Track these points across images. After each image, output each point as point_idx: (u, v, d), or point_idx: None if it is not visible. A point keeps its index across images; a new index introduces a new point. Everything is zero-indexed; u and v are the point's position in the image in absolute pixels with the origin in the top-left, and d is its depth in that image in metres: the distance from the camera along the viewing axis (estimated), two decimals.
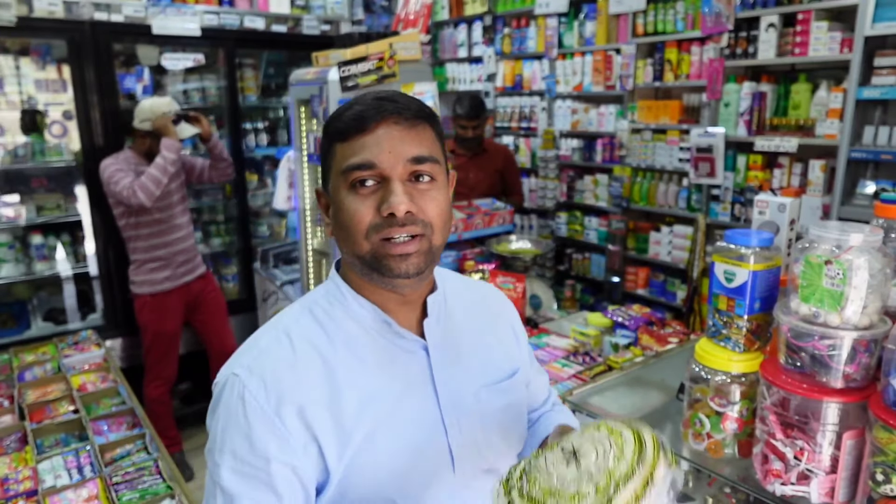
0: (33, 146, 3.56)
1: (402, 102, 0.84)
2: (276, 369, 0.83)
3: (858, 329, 1.03)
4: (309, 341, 0.86)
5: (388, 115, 0.82)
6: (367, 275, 0.86)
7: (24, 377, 2.65)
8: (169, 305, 3.30)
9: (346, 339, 0.88)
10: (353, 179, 0.82)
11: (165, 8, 3.62)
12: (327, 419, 0.82)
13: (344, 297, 0.90)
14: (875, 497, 1.01)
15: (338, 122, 0.85)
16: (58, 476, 1.97)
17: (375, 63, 2.70)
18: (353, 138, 0.83)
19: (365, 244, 0.83)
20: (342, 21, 4.30)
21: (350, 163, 0.82)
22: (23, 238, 3.68)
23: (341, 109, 0.87)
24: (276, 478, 0.79)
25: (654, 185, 4.04)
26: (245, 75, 4.18)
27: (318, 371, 0.84)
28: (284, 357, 0.85)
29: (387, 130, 0.82)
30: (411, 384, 0.89)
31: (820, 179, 3.19)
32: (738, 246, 1.23)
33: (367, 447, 0.83)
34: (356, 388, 0.85)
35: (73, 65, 3.42)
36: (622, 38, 4.08)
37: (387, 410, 0.86)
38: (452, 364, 0.93)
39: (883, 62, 2.85)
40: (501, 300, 1.12)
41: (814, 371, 1.07)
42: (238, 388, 0.82)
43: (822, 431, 1.08)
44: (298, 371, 0.83)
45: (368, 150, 0.81)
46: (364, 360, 0.87)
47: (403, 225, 0.81)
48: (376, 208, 0.82)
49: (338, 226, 0.86)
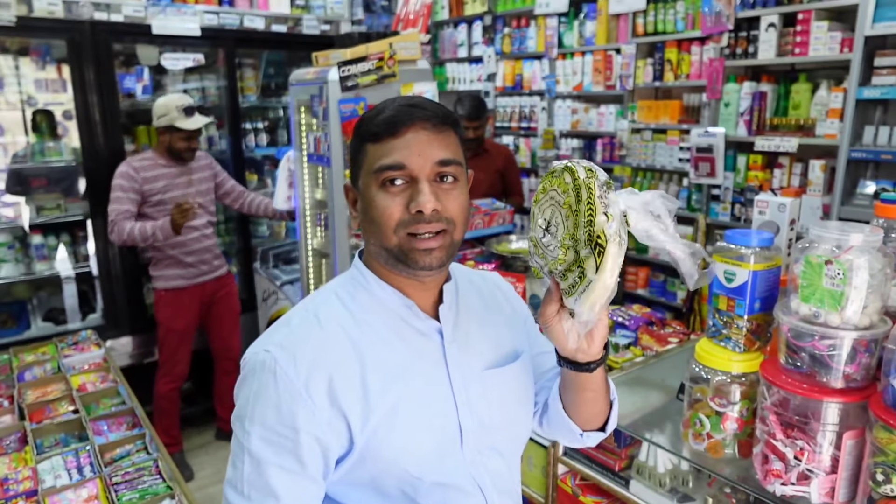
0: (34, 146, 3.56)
1: (430, 109, 0.92)
2: (306, 347, 0.90)
3: (858, 329, 1.03)
4: (337, 322, 0.94)
5: (418, 121, 0.90)
6: (392, 265, 0.94)
7: (24, 377, 2.65)
8: (181, 302, 3.33)
9: (370, 321, 0.95)
10: (384, 179, 0.89)
11: (165, 8, 3.61)
12: (354, 394, 0.89)
13: (368, 283, 0.98)
14: (875, 497, 1.01)
15: (370, 124, 0.92)
16: (57, 476, 1.97)
17: (375, 63, 2.70)
18: (384, 140, 0.90)
19: (393, 238, 0.90)
20: (342, 21, 4.30)
21: (382, 163, 0.89)
22: (23, 238, 3.67)
23: (373, 113, 0.94)
24: (303, 447, 0.86)
25: (655, 185, 4.04)
26: (245, 75, 4.18)
27: (345, 349, 0.92)
28: (314, 335, 0.92)
29: (416, 134, 0.89)
30: (428, 364, 0.97)
31: (820, 179, 3.19)
32: (738, 246, 1.23)
33: (388, 422, 0.90)
34: (380, 366, 0.92)
35: (72, 65, 3.42)
36: (622, 38, 4.08)
37: (407, 388, 0.93)
38: (463, 347, 1.00)
39: (883, 62, 2.85)
40: (508, 289, 1.21)
41: (814, 371, 1.07)
42: (270, 363, 0.88)
43: (822, 431, 1.07)
44: (327, 349, 0.91)
45: (399, 153, 0.89)
46: (387, 340, 0.95)
47: (429, 222, 0.89)
48: (405, 206, 0.89)
49: (367, 220, 0.93)
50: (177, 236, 3.12)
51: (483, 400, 1.00)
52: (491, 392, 1.01)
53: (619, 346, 2.15)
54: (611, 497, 1.66)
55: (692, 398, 1.33)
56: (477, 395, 1.00)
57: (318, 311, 0.96)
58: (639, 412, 1.61)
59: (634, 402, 1.68)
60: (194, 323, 3.43)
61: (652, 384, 1.78)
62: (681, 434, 1.38)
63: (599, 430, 1.09)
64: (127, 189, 3.10)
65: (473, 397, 0.99)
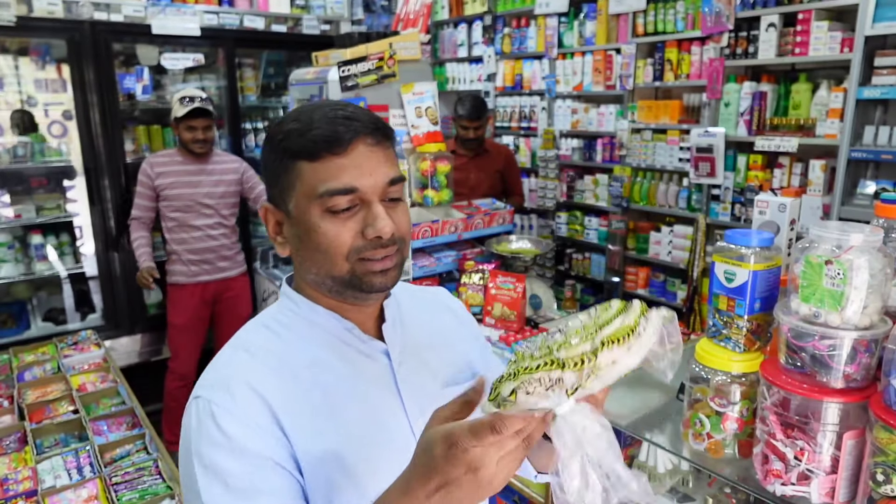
0: (33, 146, 3.56)
1: (369, 120, 0.83)
2: (236, 375, 0.81)
3: (859, 329, 1.03)
4: (268, 349, 0.85)
5: (362, 135, 0.81)
6: (337, 293, 0.86)
7: (24, 377, 2.65)
8: (182, 298, 3.36)
9: (306, 348, 0.87)
10: (333, 205, 0.80)
11: (165, 8, 3.61)
12: (293, 418, 0.80)
13: (300, 309, 0.89)
14: (875, 497, 1.01)
15: (303, 139, 0.81)
16: (57, 476, 1.97)
17: (375, 63, 2.70)
18: (325, 159, 0.80)
19: (345, 265, 0.82)
20: (342, 21, 4.30)
21: (329, 187, 0.80)
22: (23, 238, 3.68)
23: (298, 125, 0.82)
24: (271, 476, 0.77)
25: (655, 185, 4.04)
26: (245, 75, 4.18)
27: (280, 374, 0.83)
28: (244, 365, 0.83)
29: (362, 151, 0.81)
30: (376, 388, 0.88)
31: (820, 179, 3.18)
32: (738, 246, 1.23)
33: (334, 451, 0.81)
34: (320, 390, 0.84)
35: (72, 64, 3.42)
36: (622, 38, 4.08)
37: (354, 414, 0.84)
38: (413, 366, 0.93)
39: (883, 62, 2.85)
40: (457, 305, 1.11)
41: (814, 371, 1.07)
42: (203, 407, 0.79)
43: (822, 431, 1.07)
44: (260, 374, 0.82)
45: (347, 174, 0.80)
46: (327, 364, 0.86)
47: (385, 245, 0.82)
48: (358, 231, 0.81)
49: (308, 248, 0.84)
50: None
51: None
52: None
53: None
54: None
55: (692, 398, 1.33)
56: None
57: (247, 344, 0.86)
58: (639, 412, 1.61)
59: (634, 402, 1.68)
60: (196, 321, 3.43)
61: (652, 384, 1.78)
62: (681, 434, 1.38)
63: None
64: (145, 185, 3.24)
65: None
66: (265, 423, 0.79)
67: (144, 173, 3.23)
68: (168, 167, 3.24)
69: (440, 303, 1.08)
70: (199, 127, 3.18)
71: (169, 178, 3.23)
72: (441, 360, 0.97)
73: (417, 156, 2.71)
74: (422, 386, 0.92)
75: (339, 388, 0.85)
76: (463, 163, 3.69)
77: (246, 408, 0.78)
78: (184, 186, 3.25)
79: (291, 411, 0.81)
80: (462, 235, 2.83)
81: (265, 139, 0.88)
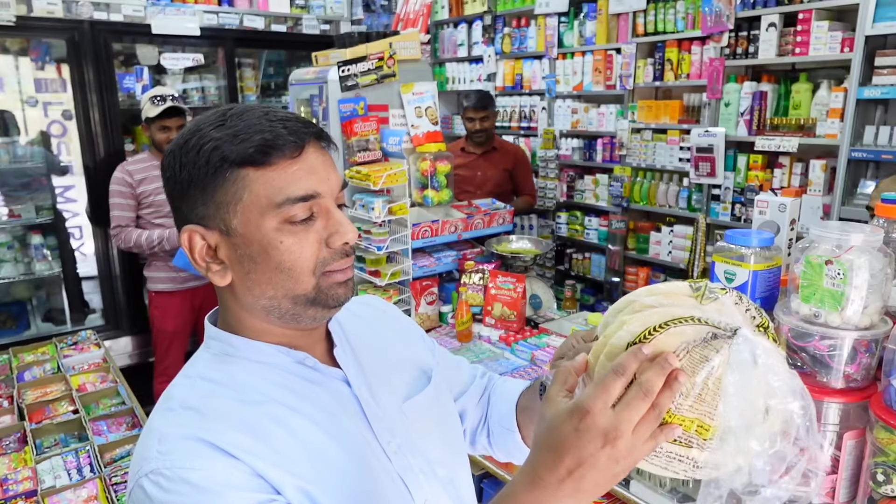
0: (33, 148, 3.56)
1: (306, 122, 0.76)
2: (188, 435, 0.69)
3: (859, 329, 1.02)
4: (210, 400, 0.74)
5: (312, 137, 0.74)
6: (293, 316, 0.76)
7: (24, 377, 2.65)
8: (171, 306, 3.32)
9: (256, 391, 0.75)
10: (294, 214, 0.71)
11: (165, 7, 3.61)
12: (275, 473, 0.70)
13: (237, 350, 0.78)
14: (876, 497, 1.01)
15: (244, 144, 0.71)
16: (57, 476, 1.97)
17: (375, 63, 2.70)
18: (278, 164, 0.71)
19: (311, 280, 0.74)
20: (342, 20, 4.30)
21: (290, 195, 0.71)
22: (23, 238, 3.67)
23: (236, 132, 0.72)
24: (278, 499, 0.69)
25: (655, 185, 4.04)
26: (245, 75, 4.18)
27: (229, 422, 0.72)
28: (192, 423, 0.71)
29: (314, 155, 0.74)
30: (346, 420, 0.80)
31: (820, 179, 3.18)
32: (738, 246, 1.22)
33: (312, 494, 0.72)
34: (292, 438, 0.74)
35: (72, 64, 3.42)
36: (622, 38, 4.07)
37: (333, 455, 0.76)
38: (373, 387, 0.85)
39: (884, 62, 2.84)
40: (390, 308, 1.05)
41: (814, 371, 1.07)
42: (154, 480, 0.67)
43: (822, 432, 1.07)
44: (208, 425, 0.70)
45: (308, 178, 0.72)
46: (289, 408, 0.76)
47: (348, 255, 0.76)
48: (322, 241, 0.74)
49: (265, 268, 0.73)
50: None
51: (412, 437, 0.85)
52: (416, 426, 0.87)
53: None
54: (611, 497, 1.65)
55: None
56: (405, 436, 0.84)
57: (187, 401, 0.73)
58: None
59: None
60: (186, 326, 3.41)
61: None
62: None
63: None
64: (125, 195, 3.11)
65: (403, 442, 0.84)
66: (246, 475, 0.69)
67: (123, 182, 3.10)
68: (147, 173, 3.13)
69: (375, 310, 1.00)
70: (172, 127, 3.09)
71: (152, 184, 3.13)
72: (395, 374, 0.90)
73: (417, 156, 2.71)
74: (384, 406, 0.85)
75: (310, 432, 0.75)
76: (471, 160, 3.69)
77: (201, 463, 0.67)
78: None
79: (270, 467, 0.70)
80: (462, 235, 2.83)
81: (174, 153, 0.76)
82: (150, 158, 3.19)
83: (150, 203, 3.15)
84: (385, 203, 2.49)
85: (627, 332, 0.61)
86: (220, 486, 0.66)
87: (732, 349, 0.58)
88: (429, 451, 0.87)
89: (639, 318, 0.62)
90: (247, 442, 0.70)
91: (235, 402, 0.74)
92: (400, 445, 0.83)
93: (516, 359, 2.28)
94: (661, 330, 0.59)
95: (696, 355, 0.58)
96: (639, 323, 0.61)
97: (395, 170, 2.48)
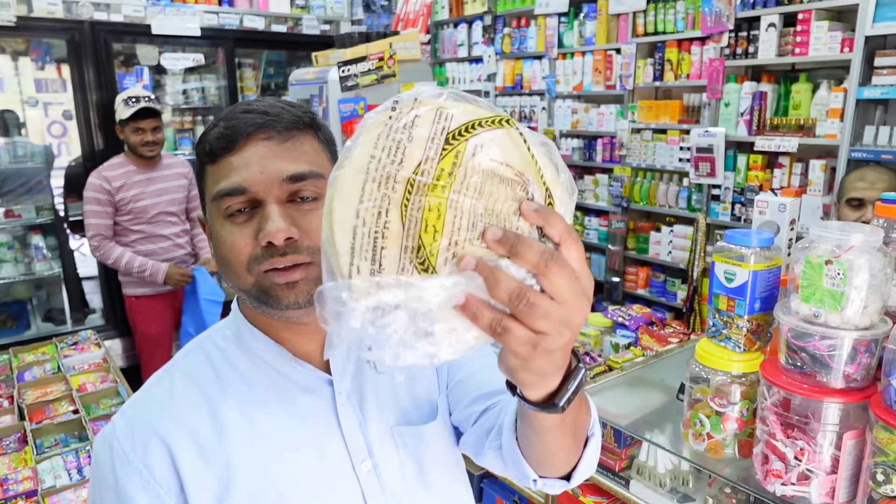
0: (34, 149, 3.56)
1: (272, 113, 0.74)
2: (147, 412, 0.75)
3: (859, 329, 1.02)
4: (192, 380, 0.78)
5: (257, 130, 0.72)
6: (256, 307, 0.76)
7: (24, 377, 2.65)
8: (153, 309, 3.26)
9: (237, 378, 0.78)
10: (225, 207, 0.72)
11: (165, 8, 3.61)
12: (203, 468, 0.72)
13: (239, 332, 0.81)
14: (875, 497, 1.01)
15: (204, 141, 0.75)
16: (57, 476, 1.97)
17: (375, 63, 2.70)
18: (220, 159, 0.73)
19: (248, 277, 0.73)
20: (342, 21, 4.30)
21: (220, 188, 0.72)
22: (23, 238, 3.68)
23: (209, 126, 0.76)
24: None
25: (655, 185, 4.04)
26: (245, 75, 4.18)
27: (197, 412, 0.75)
28: (159, 399, 0.77)
29: (256, 148, 0.72)
30: (317, 431, 0.78)
31: (820, 179, 3.19)
32: (738, 246, 1.23)
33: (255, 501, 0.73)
34: (243, 432, 0.75)
35: (72, 64, 3.42)
36: (622, 38, 4.07)
37: (290, 469, 0.75)
38: (361, 401, 0.81)
39: (883, 62, 2.84)
40: None
41: (814, 371, 1.07)
42: (108, 437, 0.74)
43: (822, 431, 1.07)
44: (173, 412, 0.75)
45: (237, 173, 0.71)
46: (257, 400, 0.77)
47: (284, 254, 0.71)
48: (254, 237, 0.72)
49: (219, 258, 0.76)
50: (165, 285, 3.11)
51: (398, 470, 0.81)
52: (405, 453, 0.82)
53: (619, 346, 2.14)
54: (611, 497, 1.66)
55: (692, 398, 1.33)
56: (388, 464, 0.80)
57: (175, 368, 0.80)
58: (639, 412, 1.61)
59: (634, 402, 1.68)
60: (169, 328, 3.37)
61: (652, 384, 1.78)
62: (681, 434, 1.38)
63: (563, 479, 0.79)
64: (102, 202, 3.01)
65: (383, 468, 0.80)
66: (161, 475, 0.72)
67: (100, 189, 2.99)
68: (125, 178, 3.04)
69: None
70: (147, 128, 3.01)
71: (131, 189, 3.05)
72: (395, 393, 0.85)
73: None
74: (369, 423, 0.81)
75: (270, 438, 0.76)
76: None
77: (144, 452, 0.72)
78: (150, 196, 3.08)
79: (200, 465, 0.72)
80: None
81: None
82: (126, 163, 3.08)
83: (130, 210, 3.06)
84: None
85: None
86: (123, 486, 0.71)
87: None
88: (417, 496, 0.82)
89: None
90: (195, 439, 0.74)
91: (210, 380, 0.78)
92: (377, 469, 0.79)
93: None
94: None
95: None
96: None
97: None
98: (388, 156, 0.50)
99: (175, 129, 4.07)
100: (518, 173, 0.52)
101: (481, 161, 0.50)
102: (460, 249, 0.49)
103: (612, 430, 1.58)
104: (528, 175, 0.52)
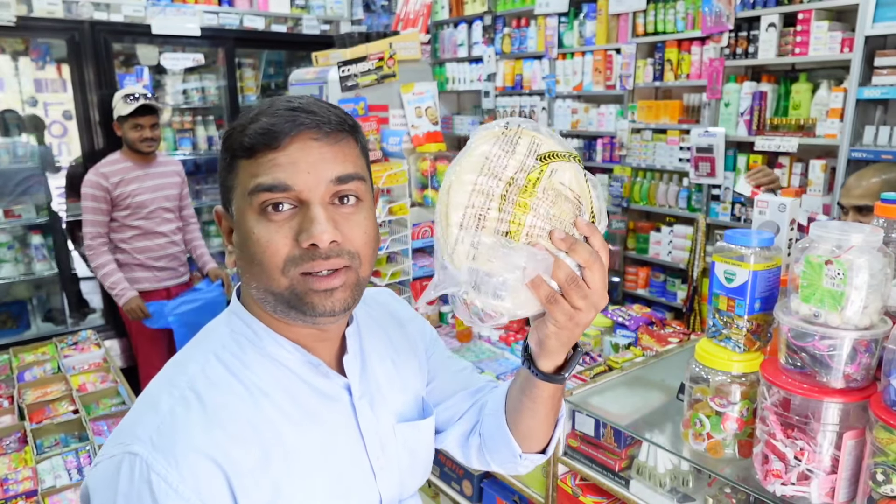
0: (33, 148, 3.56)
1: (320, 113, 0.72)
2: (187, 436, 0.68)
3: (859, 329, 1.02)
4: (223, 396, 0.73)
5: (305, 129, 0.71)
6: (283, 312, 0.74)
7: (24, 377, 2.65)
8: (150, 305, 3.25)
9: (264, 389, 0.75)
10: (264, 202, 0.70)
11: (165, 8, 3.61)
12: (257, 486, 0.70)
13: (258, 338, 0.77)
14: (875, 497, 1.01)
15: (242, 135, 0.72)
16: (57, 476, 1.97)
17: (375, 63, 2.70)
18: (261, 154, 0.70)
19: (283, 280, 0.71)
20: (342, 21, 4.30)
21: (260, 182, 0.70)
22: (23, 238, 3.68)
23: (245, 119, 0.73)
24: None
25: (655, 185, 4.04)
26: (245, 75, 4.18)
27: (239, 432, 0.71)
28: (193, 419, 0.70)
29: (303, 147, 0.70)
30: (337, 431, 0.80)
31: (820, 179, 3.19)
32: (738, 246, 1.22)
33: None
34: (282, 445, 0.74)
35: (72, 64, 3.42)
36: (622, 38, 4.08)
37: (316, 464, 0.76)
38: (372, 401, 0.85)
39: (883, 62, 2.85)
40: (400, 308, 1.01)
41: (814, 371, 1.07)
42: (141, 470, 0.66)
43: (822, 431, 1.07)
44: (215, 436, 0.69)
45: (282, 170, 0.69)
46: (285, 410, 0.75)
47: (327, 258, 0.70)
48: (294, 238, 0.70)
49: (245, 257, 0.73)
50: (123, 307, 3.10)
51: (395, 459, 0.86)
52: (403, 448, 0.88)
53: (619, 346, 2.14)
54: (611, 497, 1.65)
55: (692, 398, 1.33)
56: (392, 456, 0.86)
57: (196, 385, 0.73)
58: (639, 412, 1.61)
59: (634, 402, 1.68)
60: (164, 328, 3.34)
61: (652, 384, 1.78)
62: (681, 434, 1.38)
63: (539, 453, 0.94)
64: (99, 199, 3.01)
65: (391, 459, 0.85)
66: (218, 499, 0.68)
67: (98, 186, 2.98)
68: (123, 174, 3.04)
69: (387, 315, 0.97)
70: (145, 125, 3.02)
71: (130, 185, 3.04)
72: (396, 391, 0.90)
73: (417, 156, 2.71)
74: (380, 420, 0.85)
75: (302, 449, 0.75)
76: None
77: (197, 486, 0.67)
78: (148, 192, 3.09)
79: (253, 483, 0.70)
80: None
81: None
82: (124, 159, 3.09)
83: (128, 205, 3.06)
84: (385, 203, 2.49)
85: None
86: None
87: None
88: (405, 476, 0.89)
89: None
90: (241, 458, 0.70)
91: (240, 393, 0.74)
92: (388, 462, 0.85)
93: (516, 359, 2.28)
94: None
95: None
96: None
97: (395, 170, 2.48)
98: (498, 160, 0.71)
99: (175, 129, 4.07)
100: (576, 196, 0.73)
101: (555, 182, 0.71)
102: (534, 240, 0.70)
103: (612, 430, 1.58)
104: (583, 200, 0.73)
